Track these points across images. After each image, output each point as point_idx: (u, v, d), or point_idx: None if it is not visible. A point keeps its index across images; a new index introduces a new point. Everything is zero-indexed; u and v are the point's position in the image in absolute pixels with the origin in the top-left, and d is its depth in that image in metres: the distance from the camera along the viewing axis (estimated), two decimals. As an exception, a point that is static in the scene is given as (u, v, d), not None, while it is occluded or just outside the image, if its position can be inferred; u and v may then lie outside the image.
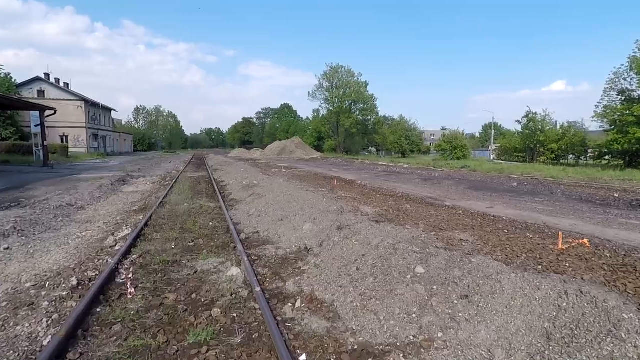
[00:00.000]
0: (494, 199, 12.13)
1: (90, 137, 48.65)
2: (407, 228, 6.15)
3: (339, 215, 7.05)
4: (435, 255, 3.48)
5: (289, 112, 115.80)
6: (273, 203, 8.04)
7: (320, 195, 10.94)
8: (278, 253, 5.13)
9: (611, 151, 29.75)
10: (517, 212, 9.70)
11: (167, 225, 7.09)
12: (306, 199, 8.27)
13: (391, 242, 4.05)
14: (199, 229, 6.73)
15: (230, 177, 16.66)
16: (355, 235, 4.76)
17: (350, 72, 62.48)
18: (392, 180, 18.34)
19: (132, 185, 15.25)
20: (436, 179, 18.41)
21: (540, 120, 38.43)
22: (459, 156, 44.77)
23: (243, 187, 11.74)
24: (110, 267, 4.34)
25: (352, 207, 9.18)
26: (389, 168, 28.19)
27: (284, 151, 60.24)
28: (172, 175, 19.07)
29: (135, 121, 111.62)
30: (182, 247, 5.64)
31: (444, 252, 3.60)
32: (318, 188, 14.20)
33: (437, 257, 3.45)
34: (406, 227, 6.36)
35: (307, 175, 20.26)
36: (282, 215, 7.02)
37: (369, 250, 4.07)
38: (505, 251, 5.82)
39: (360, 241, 4.49)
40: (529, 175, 20.43)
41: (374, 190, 13.71)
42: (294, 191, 9.97)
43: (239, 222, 7.19)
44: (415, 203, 10.98)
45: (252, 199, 9.30)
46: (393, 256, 3.67)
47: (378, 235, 4.79)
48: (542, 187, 15.01)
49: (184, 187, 13.69)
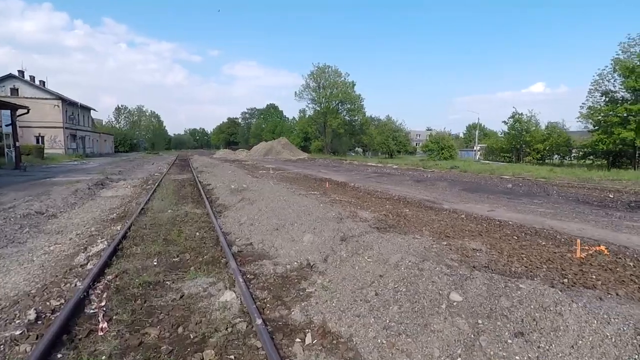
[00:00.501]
0: (492, 201, 11.75)
1: (68, 137, 46.80)
2: (417, 238, 5.62)
3: (339, 224, 6.47)
4: (470, 278, 2.93)
5: (275, 112, 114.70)
6: (266, 209, 7.39)
7: (313, 199, 10.33)
8: (277, 270, 4.50)
9: (596, 151, 30.06)
10: (520, 215, 9.31)
11: (149, 236, 6.36)
12: (301, 205, 7.65)
13: (413, 260, 3.47)
14: (184, 241, 6.04)
15: (216, 179, 15.88)
16: (367, 250, 4.16)
17: (337, 72, 62.08)
18: (384, 182, 17.86)
19: (111, 189, 14.33)
20: (429, 180, 18.03)
21: (526, 121, 38.72)
22: (446, 156, 44.86)
23: (231, 191, 11.03)
24: (79, 293, 3.64)
25: (350, 212, 8.60)
26: (378, 169, 27.78)
27: (270, 152, 59.37)
28: (154, 178, 18.16)
29: (116, 121, 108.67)
30: (165, 263, 4.95)
31: (479, 274, 3.05)
32: (310, 191, 13.58)
33: (474, 280, 2.90)
34: (416, 237, 5.82)
35: (297, 177, 19.62)
36: (277, 223, 6.38)
37: (387, 269, 3.49)
38: (522, 261, 5.36)
39: (374, 258, 3.91)
40: (520, 176, 20.27)
41: (368, 193, 13.17)
42: (287, 195, 9.33)
43: (229, 232, 6.52)
44: (413, 207, 10.49)
45: (242, 204, 8.62)
46: (419, 278, 3.10)
47: (391, 249, 4.22)
48: (537, 189, 14.76)
49: (168, 191, 12.88)
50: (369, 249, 4.21)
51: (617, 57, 29.00)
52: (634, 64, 26.38)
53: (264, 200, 8.70)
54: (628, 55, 28.19)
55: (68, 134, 46.84)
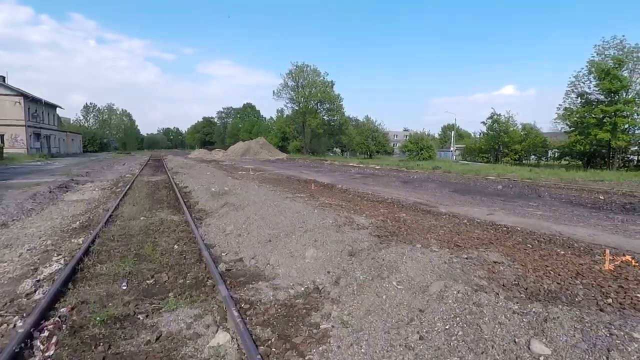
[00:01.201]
0: (487, 204, 11.28)
1: (31, 136, 43.94)
2: (434, 250, 4.91)
3: (339, 232, 5.70)
4: (553, 319, 2.21)
5: (252, 111, 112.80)
6: (255, 216, 6.52)
7: (303, 203, 9.51)
8: (278, 296, 3.67)
9: (573, 152, 30.58)
10: (522, 219, 8.82)
11: (117, 250, 5.38)
12: (294, 211, 6.83)
13: (462, 290, 2.73)
14: (160, 257, 5.10)
15: (194, 181, 14.78)
16: (392, 273, 3.39)
17: (316, 72, 61.36)
18: (370, 183, 17.24)
19: (76, 192, 13.03)
20: (416, 182, 17.54)
21: (504, 121, 39.16)
22: (425, 157, 44.92)
23: (212, 195, 10.05)
24: (16, 340, 2.70)
25: (345, 218, 7.84)
26: (361, 170, 27.21)
27: (248, 152, 57.97)
28: (125, 180, 16.83)
29: (85, 120, 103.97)
30: (137, 288, 4.03)
31: (559, 310, 2.34)
32: (296, 194, 12.74)
33: (557, 321, 2.19)
34: (431, 249, 5.11)
35: (279, 179, 18.72)
36: (269, 234, 5.53)
37: (428, 302, 2.73)
38: (551, 276, 4.75)
39: (406, 283, 3.15)
40: (505, 176, 20.12)
41: (358, 196, 12.47)
42: (275, 199, 8.48)
43: (213, 244, 5.62)
44: (409, 210, 9.85)
45: (226, 210, 7.69)
46: (479, 317, 2.36)
47: (416, 267, 3.48)
48: (528, 190, 14.48)
49: (140, 194, 11.74)
50: (394, 270, 3.44)
51: (592, 59, 29.60)
52: (609, 67, 26.92)
53: (250, 205, 7.82)
54: (603, 57, 28.81)
55: (31, 133, 43.98)
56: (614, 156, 28.85)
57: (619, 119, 26.31)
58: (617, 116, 26.34)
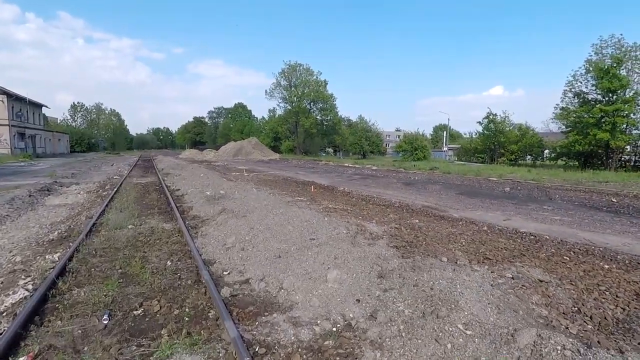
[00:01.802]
0: (499, 207, 10.66)
1: (15, 136, 42.43)
2: (474, 269, 4.22)
3: (358, 247, 4.98)
4: None
5: (243, 111, 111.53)
6: (259, 226, 5.75)
7: (308, 209, 8.76)
8: (300, 335, 2.91)
9: (571, 152, 30.29)
10: (544, 226, 8.19)
11: (99, 269, 4.58)
12: (303, 219, 6.09)
13: (562, 342, 2.02)
14: (151, 276, 4.31)
15: (187, 183, 13.92)
16: (451, 309, 2.67)
17: (309, 71, 60.56)
18: (370, 184, 16.56)
19: (59, 196, 12.09)
20: (418, 183, 16.90)
21: (500, 121, 38.88)
22: (419, 157, 44.51)
23: (207, 199, 9.23)
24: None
25: (356, 225, 7.11)
26: (358, 170, 26.54)
27: (240, 152, 56.98)
28: (113, 182, 15.89)
29: (73, 119, 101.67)
30: (122, 323, 3.24)
31: None
32: (296, 197, 11.99)
33: None
34: (464, 265, 4.42)
35: (276, 180, 17.92)
36: (278, 248, 4.78)
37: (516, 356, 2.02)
38: (608, 299, 4.15)
39: (476, 328, 2.43)
40: (507, 178, 19.60)
41: (363, 199, 11.75)
42: (278, 205, 7.71)
43: (213, 261, 4.84)
44: (421, 216, 9.17)
45: (224, 218, 6.90)
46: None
47: (476, 300, 2.77)
48: (537, 192, 13.91)
49: (129, 198, 10.88)
50: (448, 303, 2.72)
51: (590, 58, 29.37)
52: (609, 65, 26.66)
53: (252, 211, 7.05)
54: (600, 56, 28.58)
55: (15, 132, 42.45)
56: (611, 157, 28.62)
57: (619, 118, 26.04)
58: (616, 116, 26.08)
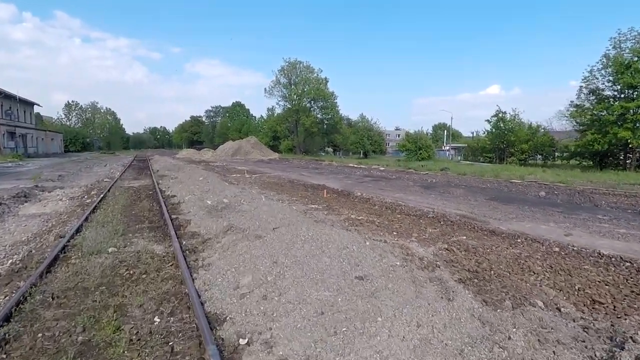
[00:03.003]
0: (546, 217, 9.18)
1: (5, 135, 40.63)
2: (578, 321, 2.73)
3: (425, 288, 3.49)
4: None
5: (241, 110, 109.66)
6: (282, 255, 4.22)
7: (329, 222, 7.25)
8: None
9: (589, 152, 28.86)
10: (621, 244, 6.70)
11: (49, 334, 3.04)
12: (340, 244, 4.56)
13: None
14: (127, 351, 2.78)
15: (184, 188, 12.35)
16: None
17: (309, 68, 58.92)
18: (385, 188, 15.06)
19: (36, 203, 10.52)
20: (438, 186, 15.39)
21: (509, 120, 37.46)
22: (424, 156, 43.10)
23: (209, 211, 7.67)
24: None
25: (399, 247, 5.61)
26: (366, 171, 25.02)
27: (239, 152, 55.33)
28: (101, 186, 14.31)
29: (67, 118, 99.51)
30: None
31: None
32: (308, 204, 10.47)
33: None
34: (564, 313, 2.93)
35: (281, 183, 16.39)
36: (319, 298, 3.23)
37: None
38: None
39: None
40: (531, 179, 18.12)
41: (386, 207, 10.24)
42: (298, 218, 6.19)
43: (222, 315, 3.30)
44: (463, 229, 7.67)
45: (232, 239, 5.36)
46: None
47: None
48: (578, 197, 12.42)
49: (116, 207, 9.33)
50: None
51: (607, 52, 27.98)
52: (630, 60, 25.25)
53: (266, 229, 5.51)
54: (618, 51, 27.16)
55: (4, 131, 40.66)
56: (630, 156, 27.23)
57: (642, 115, 24.65)
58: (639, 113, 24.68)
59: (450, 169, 25.81)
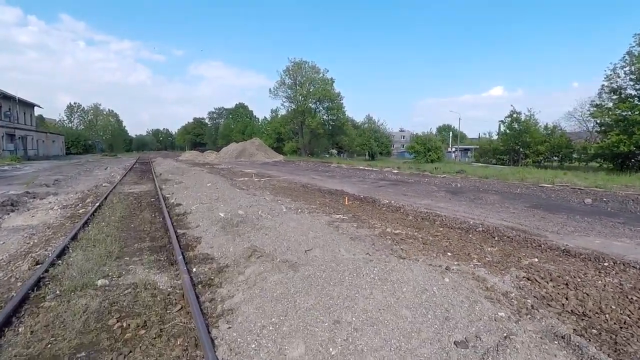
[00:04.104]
0: (611, 230, 7.88)
1: (3, 137, 39.57)
2: None
3: None
4: None
5: (245, 112, 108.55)
6: (345, 311, 2.96)
7: (366, 239, 5.99)
8: None
9: (612, 153, 27.46)
10: None
11: None
12: (417, 287, 3.31)
13: None
14: None
15: (190, 195, 11.11)
16: None
17: (315, 69, 57.66)
18: (408, 193, 13.78)
19: (24, 213, 9.31)
20: (467, 192, 14.09)
21: (524, 120, 36.10)
22: (433, 158, 41.76)
23: (222, 226, 6.40)
24: None
25: (472, 279, 4.35)
26: (380, 174, 23.72)
27: (243, 154, 54.14)
28: (99, 192, 13.09)
29: (69, 120, 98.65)
30: None
31: None
32: (332, 214, 9.20)
33: None
34: None
35: (294, 188, 15.13)
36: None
37: None
38: None
39: None
40: (564, 184, 16.78)
41: (422, 217, 8.95)
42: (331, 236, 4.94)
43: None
44: (526, 247, 6.39)
45: (258, 269, 4.10)
46: None
47: None
48: (633, 205, 11.09)
49: (112, 219, 8.10)
50: None
51: (631, 50, 26.67)
52: (658, 57, 23.92)
53: (300, 255, 4.26)
54: (644, 47, 25.85)
55: (3, 133, 39.60)
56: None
57: (672, 115, 23.29)
58: (669, 112, 23.34)
59: (466, 172, 24.53)
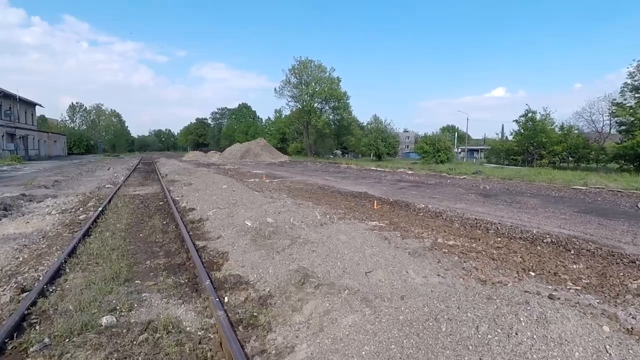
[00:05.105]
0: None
1: (4, 136, 38.63)
2: None
3: None
4: None
5: (248, 112, 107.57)
6: None
7: (428, 255, 4.91)
8: None
9: (633, 154, 26.32)
10: None
11: None
12: (533, 328, 2.21)
13: None
14: None
15: (203, 198, 10.02)
16: None
17: (321, 67, 56.61)
18: (435, 195, 12.68)
19: (17, 218, 8.26)
20: (500, 194, 12.98)
21: (540, 120, 34.91)
22: (442, 159, 40.64)
23: (252, 238, 5.32)
24: None
25: (594, 314, 3.29)
26: (395, 175, 22.63)
27: (248, 154, 53.05)
28: (102, 194, 12.04)
29: (71, 120, 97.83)
30: None
31: None
32: (364, 220, 8.12)
33: None
34: None
35: (311, 190, 14.05)
36: None
37: None
38: None
39: None
40: (599, 186, 15.65)
41: (468, 224, 7.85)
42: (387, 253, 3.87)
43: None
44: (616, 265, 5.31)
45: (320, 304, 3.03)
46: None
47: None
48: (694, 210, 9.98)
49: (119, 226, 7.03)
50: None
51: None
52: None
53: (362, 280, 3.19)
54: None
55: (3, 133, 38.67)
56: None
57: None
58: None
59: (483, 173, 23.47)
